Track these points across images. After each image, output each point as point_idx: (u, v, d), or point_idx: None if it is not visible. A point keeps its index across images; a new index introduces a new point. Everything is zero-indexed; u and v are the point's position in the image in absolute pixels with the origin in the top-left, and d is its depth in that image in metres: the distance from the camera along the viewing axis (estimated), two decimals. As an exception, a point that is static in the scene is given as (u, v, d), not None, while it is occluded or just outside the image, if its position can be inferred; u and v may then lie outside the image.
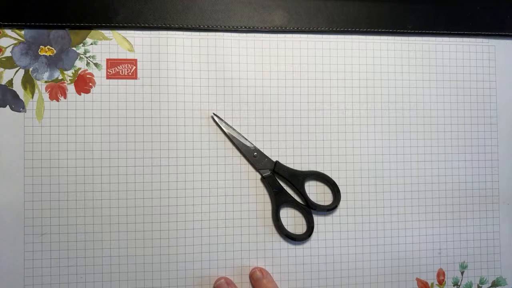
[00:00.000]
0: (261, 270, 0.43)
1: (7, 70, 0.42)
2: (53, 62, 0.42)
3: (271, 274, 0.44)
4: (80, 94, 0.42)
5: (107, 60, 0.43)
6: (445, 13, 0.47)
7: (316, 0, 0.45)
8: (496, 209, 0.48)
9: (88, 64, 0.43)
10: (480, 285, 0.48)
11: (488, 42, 0.48)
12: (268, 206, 0.45)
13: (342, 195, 0.45)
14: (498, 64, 0.49)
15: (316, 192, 0.45)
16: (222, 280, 0.42)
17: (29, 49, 0.42)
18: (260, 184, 0.45)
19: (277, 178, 0.44)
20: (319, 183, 0.46)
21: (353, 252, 0.46)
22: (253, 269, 0.44)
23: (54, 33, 0.42)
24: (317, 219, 0.45)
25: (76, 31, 0.42)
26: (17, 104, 0.42)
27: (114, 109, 0.43)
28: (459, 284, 0.47)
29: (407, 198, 0.47)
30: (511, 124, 0.49)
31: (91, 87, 0.43)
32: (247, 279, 0.44)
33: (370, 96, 0.46)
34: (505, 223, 0.48)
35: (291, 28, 0.45)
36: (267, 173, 0.44)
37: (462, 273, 0.47)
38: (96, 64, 0.43)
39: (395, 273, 0.46)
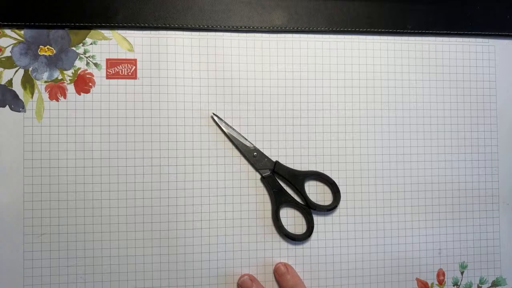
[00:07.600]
0: (285, 265, 0.43)
1: (6, 70, 0.41)
2: (53, 62, 0.42)
3: (272, 274, 0.44)
4: (80, 94, 0.42)
5: (107, 60, 0.43)
6: (445, 13, 0.47)
7: (315, 0, 0.45)
8: (496, 209, 0.48)
9: (88, 64, 0.43)
10: (480, 285, 0.48)
11: (488, 42, 0.48)
12: (268, 206, 0.45)
13: (342, 195, 0.45)
14: (498, 64, 0.49)
15: (316, 192, 0.45)
16: (246, 277, 0.42)
17: (29, 49, 0.42)
18: (260, 184, 0.45)
19: (277, 178, 0.44)
20: (319, 183, 0.46)
21: (353, 252, 0.45)
22: (277, 264, 0.44)
23: (53, 33, 0.42)
24: (317, 219, 0.45)
25: (76, 31, 0.42)
26: (17, 104, 0.42)
27: (114, 109, 0.43)
28: (459, 284, 0.47)
29: (407, 198, 0.47)
30: (511, 124, 0.49)
31: (91, 87, 0.43)
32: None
33: (370, 96, 0.46)
34: (505, 223, 0.48)
35: (291, 28, 0.45)
36: (267, 173, 0.44)
37: (462, 273, 0.47)
38: (96, 64, 0.43)
39: (395, 273, 0.46)
